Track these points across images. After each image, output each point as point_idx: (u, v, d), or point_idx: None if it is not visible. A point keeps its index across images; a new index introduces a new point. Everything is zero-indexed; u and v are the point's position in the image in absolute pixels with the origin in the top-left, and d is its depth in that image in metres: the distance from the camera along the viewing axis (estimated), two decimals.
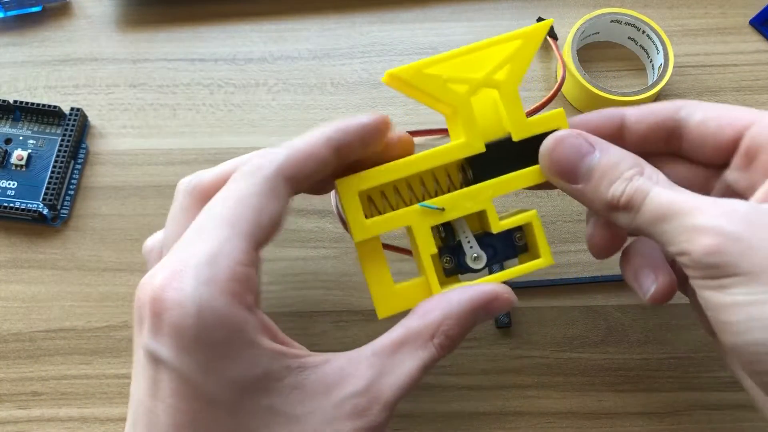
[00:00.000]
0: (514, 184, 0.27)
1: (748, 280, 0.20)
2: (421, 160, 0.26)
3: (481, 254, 0.27)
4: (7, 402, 0.32)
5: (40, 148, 0.36)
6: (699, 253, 0.21)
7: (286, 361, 0.22)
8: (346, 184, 0.26)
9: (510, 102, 0.26)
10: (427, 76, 0.26)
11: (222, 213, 0.22)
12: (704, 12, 0.40)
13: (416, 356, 0.23)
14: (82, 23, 0.39)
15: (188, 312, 0.20)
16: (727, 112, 0.25)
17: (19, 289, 0.34)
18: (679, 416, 0.31)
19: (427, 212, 0.26)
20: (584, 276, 0.33)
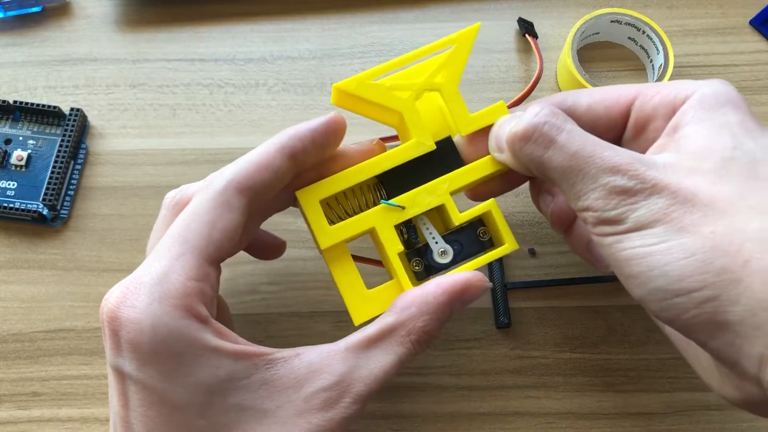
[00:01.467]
0: (469, 175, 0.28)
1: (643, 230, 0.21)
2: (376, 164, 0.27)
3: (448, 248, 0.28)
4: (7, 402, 0.32)
5: (40, 149, 0.36)
6: (596, 205, 0.22)
7: (252, 359, 0.23)
8: (306, 194, 0.26)
9: (452, 101, 0.28)
10: (370, 86, 0.27)
11: (176, 231, 0.23)
12: (704, 12, 0.40)
13: (392, 352, 0.24)
14: (82, 23, 0.39)
15: (143, 328, 0.21)
16: (610, 93, 0.26)
17: (19, 289, 0.34)
18: (679, 416, 0.31)
19: (389, 211, 0.27)
20: (584, 276, 0.33)
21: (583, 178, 0.22)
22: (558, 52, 0.38)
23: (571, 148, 0.23)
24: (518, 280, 0.33)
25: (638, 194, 0.21)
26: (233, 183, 0.24)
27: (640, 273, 0.21)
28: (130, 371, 0.22)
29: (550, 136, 0.23)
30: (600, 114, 0.26)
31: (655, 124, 0.25)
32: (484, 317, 0.33)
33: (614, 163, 0.22)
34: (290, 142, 0.25)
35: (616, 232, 0.22)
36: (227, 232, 0.24)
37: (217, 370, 0.22)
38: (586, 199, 0.22)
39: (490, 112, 0.28)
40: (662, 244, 0.21)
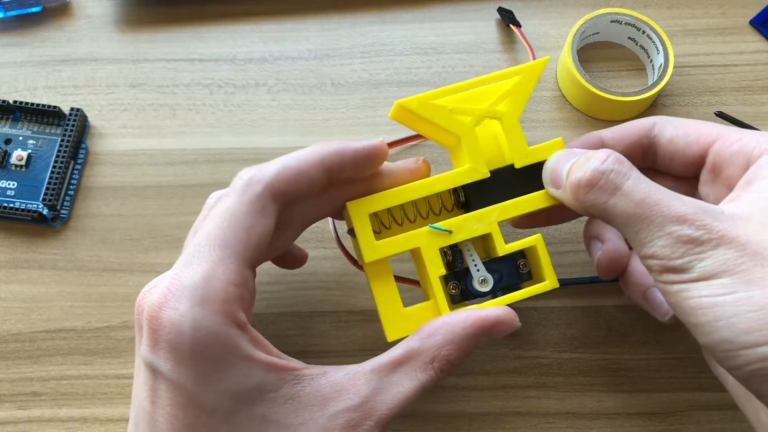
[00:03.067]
0: (519, 207, 0.28)
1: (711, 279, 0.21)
2: (429, 185, 0.27)
3: (488, 277, 0.27)
4: (7, 402, 0.32)
5: (40, 149, 0.36)
6: (662, 252, 0.22)
7: (281, 373, 0.23)
8: (356, 206, 0.26)
9: (512, 131, 0.28)
10: (433, 107, 0.27)
11: (216, 234, 0.23)
12: (704, 12, 0.40)
13: (415, 377, 0.24)
14: (82, 23, 0.39)
15: (184, 331, 0.21)
16: (694, 129, 0.27)
17: (19, 289, 0.34)
18: (679, 416, 0.31)
19: (435, 234, 0.27)
20: (584, 276, 0.33)
21: (649, 225, 0.22)
22: (558, 52, 0.38)
23: (637, 195, 0.23)
24: None
25: (705, 244, 0.21)
26: (272, 188, 0.24)
27: (707, 323, 0.21)
28: (165, 370, 0.22)
29: (616, 183, 0.23)
30: (679, 148, 0.27)
31: (730, 171, 0.25)
32: None
33: (681, 212, 0.22)
34: (331, 158, 0.25)
35: (683, 280, 0.21)
36: (263, 237, 0.24)
37: (247, 378, 0.22)
38: (651, 247, 0.22)
39: (548, 147, 0.28)
40: (730, 295, 0.20)
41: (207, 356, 0.22)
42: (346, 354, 0.32)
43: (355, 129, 0.36)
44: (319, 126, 0.37)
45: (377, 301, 0.27)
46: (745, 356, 0.20)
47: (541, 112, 0.37)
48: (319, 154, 0.25)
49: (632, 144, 0.28)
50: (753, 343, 0.20)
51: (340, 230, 0.31)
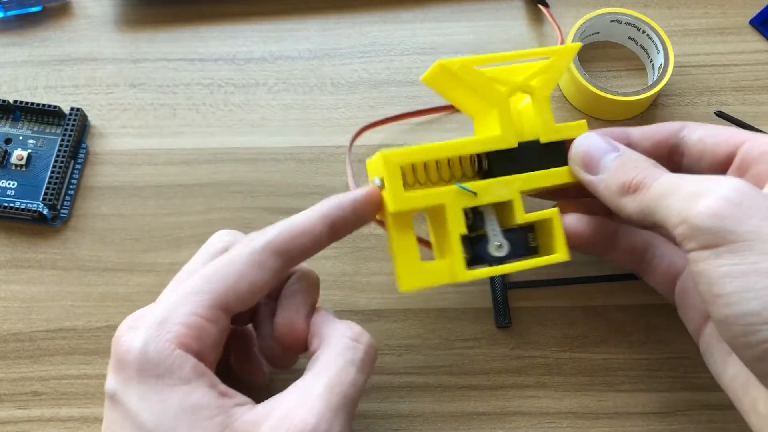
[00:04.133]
0: (542, 180, 0.29)
1: (743, 248, 0.21)
2: (461, 145, 0.28)
3: (504, 243, 0.28)
4: (7, 402, 0.32)
5: (40, 148, 0.36)
6: (699, 217, 0.22)
7: (219, 401, 0.23)
8: (389, 156, 0.27)
9: (541, 107, 0.29)
10: (473, 71, 0.28)
11: (206, 274, 0.24)
12: (704, 12, 0.40)
13: (345, 358, 0.24)
14: (82, 23, 0.39)
15: (134, 347, 0.23)
16: (724, 131, 0.27)
17: (19, 289, 0.34)
18: (679, 416, 0.31)
19: (461, 194, 0.27)
20: (584, 276, 0.33)
21: (682, 195, 0.23)
22: None
23: (671, 183, 0.24)
24: (518, 280, 0.33)
25: (740, 216, 0.21)
26: (272, 244, 0.25)
27: (733, 292, 0.20)
28: (114, 388, 0.23)
29: (647, 184, 0.25)
30: (708, 147, 0.27)
31: (758, 168, 0.25)
32: (484, 317, 0.33)
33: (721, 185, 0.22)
34: (332, 211, 0.26)
35: (714, 245, 0.21)
36: (252, 287, 0.24)
37: (186, 401, 0.22)
38: (684, 219, 0.22)
39: (573, 127, 0.29)
40: (763, 263, 0.20)
41: (152, 375, 0.22)
42: None
43: (355, 129, 0.35)
44: (319, 126, 0.37)
45: (396, 251, 0.27)
46: (766, 332, 0.20)
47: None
48: (322, 211, 0.26)
49: (659, 142, 0.28)
50: None
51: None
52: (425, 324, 0.33)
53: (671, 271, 0.28)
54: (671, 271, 0.28)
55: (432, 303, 0.33)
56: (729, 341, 0.21)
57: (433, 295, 0.33)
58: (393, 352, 0.32)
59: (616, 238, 0.29)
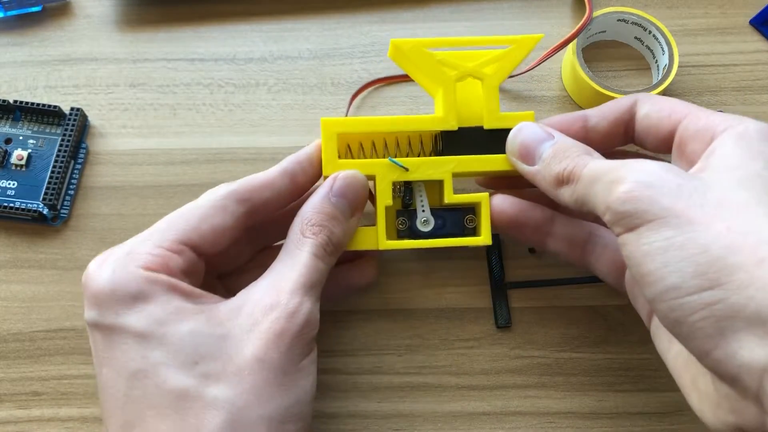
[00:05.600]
0: (477, 164, 0.30)
1: (658, 225, 0.21)
2: (399, 121, 0.30)
3: (431, 219, 0.30)
4: (7, 402, 0.32)
5: (40, 148, 0.36)
6: (617, 202, 0.22)
7: (200, 300, 0.25)
8: (328, 123, 0.29)
9: (490, 94, 0.30)
10: (423, 53, 0.29)
11: (169, 217, 0.27)
12: (704, 12, 0.40)
13: (301, 250, 0.26)
14: (82, 23, 0.39)
15: (104, 277, 0.24)
16: (668, 105, 0.27)
17: (19, 289, 0.34)
18: (680, 416, 0.31)
19: (393, 168, 0.29)
20: (584, 276, 0.33)
21: (604, 183, 0.23)
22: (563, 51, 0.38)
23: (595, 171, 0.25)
24: (518, 280, 0.33)
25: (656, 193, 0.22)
26: (235, 192, 0.27)
27: (656, 270, 0.21)
28: (94, 317, 0.24)
29: (577, 174, 0.25)
30: (653, 124, 0.28)
31: (694, 146, 0.26)
32: (484, 317, 0.33)
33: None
34: (290, 166, 0.28)
35: (634, 226, 0.22)
36: (214, 228, 0.26)
37: (168, 304, 0.24)
38: (607, 204, 0.23)
39: (519, 116, 0.30)
40: (677, 237, 0.21)
41: (126, 293, 0.24)
42: (346, 354, 0.32)
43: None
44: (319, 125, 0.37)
45: None
46: (691, 303, 0.20)
47: (545, 111, 0.37)
48: (282, 165, 0.28)
49: (616, 120, 0.29)
50: (699, 288, 0.20)
51: None
52: (425, 324, 0.33)
53: (617, 260, 0.29)
54: (617, 260, 0.29)
55: (432, 303, 0.33)
56: (664, 323, 0.22)
57: (433, 295, 0.33)
58: (393, 352, 0.32)
59: (552, 225, 0.29)
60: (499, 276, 0.33)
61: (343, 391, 0.32)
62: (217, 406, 0.22)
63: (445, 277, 0.34)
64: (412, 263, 0.34)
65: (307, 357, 0.25)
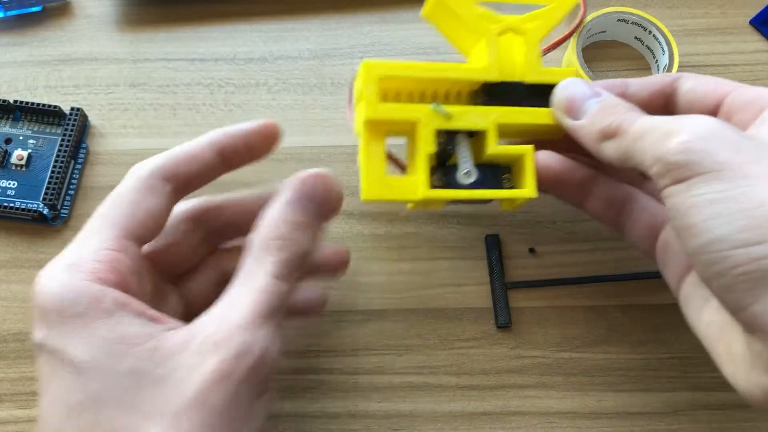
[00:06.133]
0: (521, 116, 0.29)
1: (711, 178, 0.21)
2: (443, 68, 0.28)
3: (473, 170, 0.28)
4: (7, 402, 0.32)
5: (40, 148, 0.36)
6: (669, 153, 0.22)
7: (147, 327, 0.22)
8: (370, 66, 0.27)
9: (531, 49, 0.29)
10: (470, 7, 0.29)
11: (100, 211, 0.24)
12: (704, 12, 0.40)
13: (260, 269, 0.23)
14: (82, 23, 0.39)
15: (50, 292, 0.22)
16: (713, 82, 0.28)
17: (19, 289, 0.34)
18: (679, 416, 0.31)
19: (436, 115, 0.28)
20: (584, 276, 0.33)
21: (656, 136, 0.23)
22: (563, 50, 0.38)
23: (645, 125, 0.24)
24: (518, 280, 0.33)
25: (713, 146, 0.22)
26: (158, 170, 0.25)
27: (702, 221, 0.21)
28: (40, 338, 0.22)
29: (625, 128, 0.25)
30: (698, 97, 0.27)
31: (741, 116, 0.26)
32: (484, 317, 0.33)
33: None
34: (221, 138, 0.26)
35: (685, 178, 0.22)
36: (149, 213, 0.24)
37: (111, 332, 0.22)
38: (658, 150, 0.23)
39: (560, 72, 0.29)
40: (731, 191, 0.20)
41: (74, 314, 0.22)
42: (346, 354, 0.32)
43: None
44: (320, 126, 0.37)
45: (363, 161, 0.27)
46: (736, 257, 0.20)
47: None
48: (209, 137, 0.26)
49: (655, 92, 0.29)
50: (747, 242, 0.20)
51: None
52: (425, 324, 0.33)
53: (652, 225, 0.28)
54: (652, 225, 0.28)
55: (432, 303, 0.33)
56: (702, 275, 0.21)
57: (433, 295, 0.33)
58: (393, 352, 0.32)
59: (593, 186, 0.29)
60: (499, 276, 0.33)
61: (343, 391, 0.32)
62: None
63: (445, 277, 0.34)
64: (413, 263, 0.34)
65: (260, 398, 0.22)
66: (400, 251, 0.34)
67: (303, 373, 0.32)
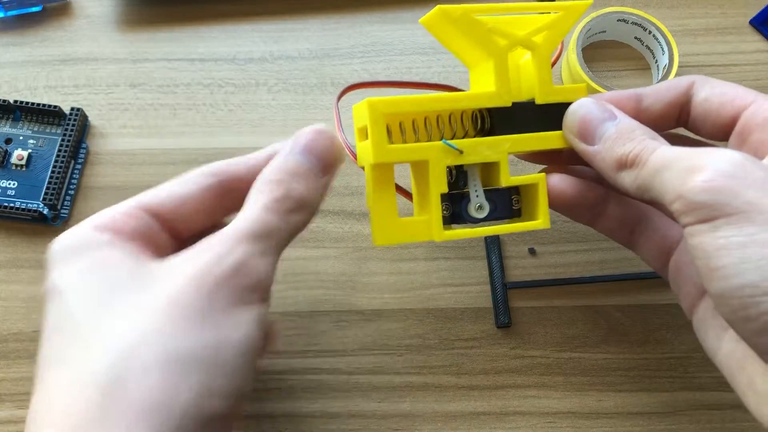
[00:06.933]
0: (533, 143, 0.27)
1: (739, 220, 0.20)
2: (449, 99, 0.27)
3: (485, 204, 0.27)
4: (8, 402, 0.32)
5: (41, 148, 0.36)
6: (692, 191, 0.21)
7: (135, 258, 0.23)
8: (375, 104, 0.26)
9: (542, 66, 0.27)
10: (473, 21, 0.27)
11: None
12: (704, 12, 0.40)
13: (252, 204, 0.24)
14: (82, 23, 0.39)
15: (58, 241, 0.24)
16: (731, 90, 0.26)
17: (19, 289, 0.34)
18: (679, 416, 0.31)
19: (446, 151, 0.26)
20: (584, 276, 0.33)
21: (676, 170, 0.22)
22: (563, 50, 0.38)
23: (666, 157, 0.23)
24: (518, 280, 0.33)
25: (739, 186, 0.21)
26: (208, 166, 0.26)
27: (730, 264, 0.20)
28: (46, 281, 0.23)
29: (643, 159, 0.24)
30: (713, 108, 0.26)
31: (759, 135, 0.25)
32: (484, 317, 0.33)
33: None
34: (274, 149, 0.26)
35: (710, 218, 0.21)
36: (176, 195, 0.25)
37: (102, 256, 0.23)
38: (679, 194, 0.22)
39: (572, 90, 0.28)
40: (761, 234, 0.20)
41: (69, 252, 0.23)
42: (346, 353, 0.32)
43: None
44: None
45: (373, 205, 0.26)
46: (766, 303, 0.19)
47: None
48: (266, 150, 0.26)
49: (671, 102, 0.27)
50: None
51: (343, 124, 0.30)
52: (425, 324, 0.33)
53: (665, 245, 0.28)
54: (665, 245, 0.28)
55: (432, 303, 0.33)
56: (727, 316, 0.21)
57: (433, 295, 0.33)
58: (393, 352, 0.32)
59: (606, 205, 0.28)
60: (499, 276, 0.33)
61: (343, 390, 0.32)
62: (111, 340, 0.20)
63: (445, 277, 0.34)
64: (413, 263, 0.34)
65: (242, 308, 0.22)
66: (400, 251, 0.34)
67: (303, 373, 0.32)
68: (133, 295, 0.21)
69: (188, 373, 0.20)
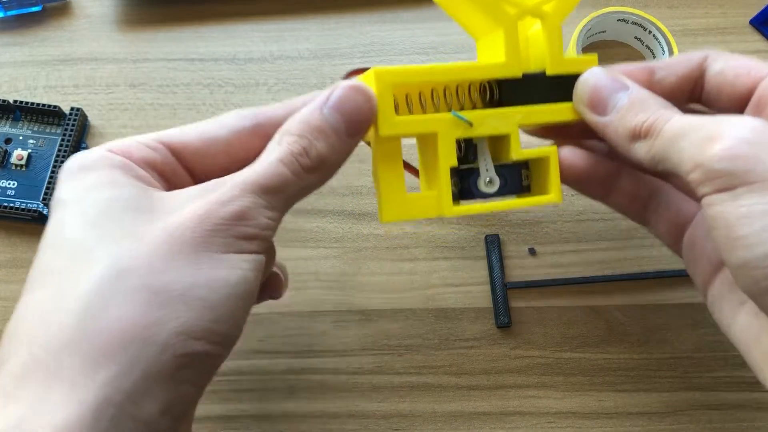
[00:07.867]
0: (544, 115, 0.26)
1: (762, 188, 0.20)
2: (459, 69, 0.26)
3: (496, 178, 0.26)
4: None
5: (40, 148, 0.36)
6: (712, 160, 0.20)
7: (144, 186, 0.23)
8: (382, 73, 0.25)
9: (551, 35, 0.27)
10: None
11: None
12: (704, 12, 0.40)
13: (268, 155, 0.23)
14: (82, 23, 0.39)
15: (71, 159, 0.23)
16: (746, 63, 0.25)
17: (19, 289, 0.33)
18: (679, 416, 0.31)
19: (456, 123, 0.26)
20: (584, 276, 0.33)
21: (694, 139, 0.21)
22: None
23: (681, 125, 0.22)
24: (518, 280, 0.33)
25: (760, 152, 0.20)
26: (247, 110, 0.25)
27: (753, 233, 0.19)
28: (56, 195, 0.23)
29: (657, 128, 0.23)
30: (728, 81, 0.26)
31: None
32: (484, 317, 0.33)
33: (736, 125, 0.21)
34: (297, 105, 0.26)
35: (731, 186, 0.20)
36: (206, 136, 0.25)
37: (104, 173, 0.23)
38: (698, 162, 0.21)
39: (583, 61, 0.27)
40: None
41: (79, 169, 0.23)
42: (346, 353, 0.32)
43: None
44: None
45: (380, 180, 0.26)
46: None
47: None
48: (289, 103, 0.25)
49: (685, 76, 0.27)
50: None
51: None
52: (425, 324, 0.33)
53: (679, 220, 0.27)
54: (679, 220, 0.27)
55: (432, 303, 0.33)
56: (748, 288, 0.20)
57: (433, 295, 0.33)
58: (393, 352, 0.32)
59: (618, 180, 0.27)
60: (499, 276, 0.33)
61: (343, 391, 0.32)
62: (100, 263, 0.20)
63: (445, 277, 0.34)
64: (413, 263, 0.34)
65: (238, 254, 0.21)
66: (400, 251, 0.34)
67: (303, 373, 0.32)
68: (132, 221, 0.21)
69: (173, 309, 0.20)
